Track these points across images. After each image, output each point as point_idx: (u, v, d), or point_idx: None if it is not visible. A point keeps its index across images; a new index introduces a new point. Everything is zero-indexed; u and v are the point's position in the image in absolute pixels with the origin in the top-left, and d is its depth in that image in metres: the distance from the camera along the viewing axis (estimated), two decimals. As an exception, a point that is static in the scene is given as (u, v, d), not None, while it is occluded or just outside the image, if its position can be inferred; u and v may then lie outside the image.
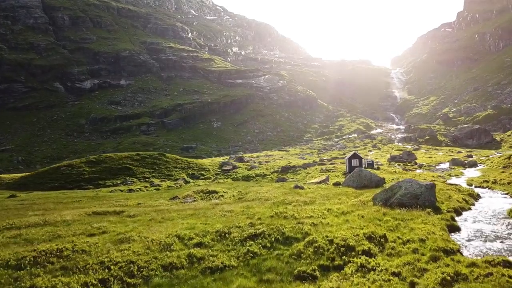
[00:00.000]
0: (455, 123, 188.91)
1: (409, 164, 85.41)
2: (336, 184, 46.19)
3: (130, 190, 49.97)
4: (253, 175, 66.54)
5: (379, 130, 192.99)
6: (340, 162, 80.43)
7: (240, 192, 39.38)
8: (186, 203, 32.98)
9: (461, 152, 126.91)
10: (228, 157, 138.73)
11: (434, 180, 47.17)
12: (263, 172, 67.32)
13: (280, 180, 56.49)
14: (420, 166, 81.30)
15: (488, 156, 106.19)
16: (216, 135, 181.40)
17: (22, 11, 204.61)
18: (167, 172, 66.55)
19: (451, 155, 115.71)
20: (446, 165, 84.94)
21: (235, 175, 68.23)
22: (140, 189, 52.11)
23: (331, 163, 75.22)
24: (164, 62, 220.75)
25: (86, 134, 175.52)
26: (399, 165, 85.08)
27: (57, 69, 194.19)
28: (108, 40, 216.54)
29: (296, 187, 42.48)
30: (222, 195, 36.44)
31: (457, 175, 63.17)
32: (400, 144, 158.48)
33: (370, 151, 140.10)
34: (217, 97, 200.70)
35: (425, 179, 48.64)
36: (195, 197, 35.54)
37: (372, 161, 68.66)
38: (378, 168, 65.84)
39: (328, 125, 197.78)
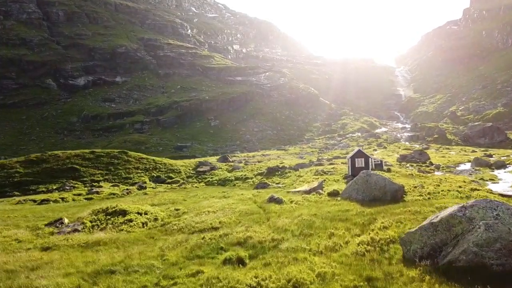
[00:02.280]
0: (464, 122, 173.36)
1: (423, 165, 69.25)
2: (333, 194, 30.47)
3: (43, 201, 34.95)
4: (232, 178, 51.14)
5: (383, 129, 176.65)
6: (341, 163, 64.67)
7: (177, 211, 24.14)
8: (61, 234, 17.74)
9: (476, 151, 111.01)
10: (218, 156, 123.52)
11: (476, 189, 30.97)
12: (245, 175, 51.95)
13: (261, 186, 40.95)
14: (438, 168, 65.02)
15: (508, 155, 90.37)
16: (213, 134, 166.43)
17: (15, 6, 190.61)
18: (125, 175, 51.45)
19: (465, 155, 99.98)
20: (467, 166, 68.80)
21: (211, 178, 52.96)
22: (64, 198, 36.96)
23: (330, 163, 59.45)
24: (162, 59, 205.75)
25: (77, 132, 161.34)
26: (411, 165, 69.14)
27: (50, 65, 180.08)
28: (104, 36, 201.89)
29: (272, 200, 26.92)
30: (131, 220, 21.07)
31: (492, 179, 47.06)
32: (407, 143, 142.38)
33: (375, 150, 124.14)
34: (215, 94, 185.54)
35: (460, 187, 32.38)
36: (83, 223, 20.27)
37: (381, 161, 52.88)
38: (388, 170, 49.91)
39: (331, 124, 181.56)
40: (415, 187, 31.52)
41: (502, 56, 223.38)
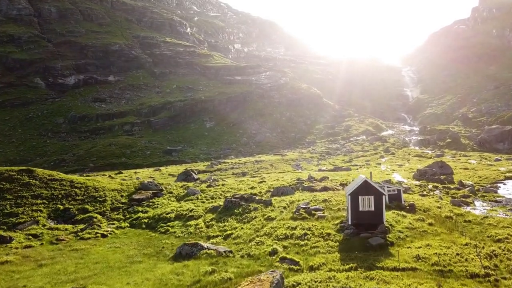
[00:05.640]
0: (476, 124, 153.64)
1: (452, 187, 49.68)
2: None
3: None
4: (172, 216, 33.02)
5: (390, 132, 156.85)
6: (341, 183, 44.92)
7: None
8: None
9: (500, 159, 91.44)
10: (205, 163, 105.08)
11: None
12: (192, 210, 33.84)
13: (187, 252, 22.32)
14: (473, 192, 45.25)
15: (546, 167, 70.78)
16: (208, 136, 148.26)
17: (4, 2, 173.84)
18: (11, 208, 33.26)
19: (490, 165, 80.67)
20: (510, 187, 49.16)
21: (143, 213, 34.98)
22: None
23: (324, 188, 40.05)
24: (158, 58, 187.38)
25: (63, 134, 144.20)
26: (435, 187, 49.54)
27: (39, 64, 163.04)
28: (98, 33, 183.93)
29: None
30: None
31: None
32: (416, 148, 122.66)
33: (382, 157, 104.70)
34: (212, 94, 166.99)
35: None
36: None
37: (399, 190, 33.31)
38: (411, 208, 30.59)
39: (334, 126, 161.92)
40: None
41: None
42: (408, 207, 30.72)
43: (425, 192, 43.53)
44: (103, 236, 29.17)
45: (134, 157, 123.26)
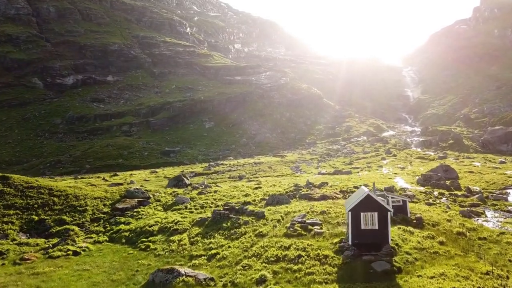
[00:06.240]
0: (479, 125, 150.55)
1: (460, 195, 46.45)
2: None
3: None
4: (155, 229, 30.15)
5: (391, 132, 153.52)
6: (341, 191, 41.66)
7: None
8: None
9: (505, 161, 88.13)
10: (203, 165, 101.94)
11: None
12: (177, 222, 31.12)
13: (161, 279, 18.43)
14: (482, 200, 42.25)
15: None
16: (207, 137, 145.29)
17: (2, 1, 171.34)
18: None
19: (496, 167, 77.73)
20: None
21: (124, 225, 32.11)
22: None
23: (323, 196, 36.79)
24: (157, 57, 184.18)
25: (60, 134, 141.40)
26: (441, 194, 46.36)
27: (37, 63, 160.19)
28: (97, 33, 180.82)
29: None
30: None
31: None
32: (418, 149, 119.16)
33: (383, 159, 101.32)
34: (211, 94, 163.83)
35: None
36: None
37: (406, 202, 30.07)
38: (419, 222, 27.50)
39: (334, 127, 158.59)
40: None
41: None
42: (415, 221, 27.50)
43: (431, 200, 40.36)
44: (75, 253, 26.15)
45: (132, 158, 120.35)
